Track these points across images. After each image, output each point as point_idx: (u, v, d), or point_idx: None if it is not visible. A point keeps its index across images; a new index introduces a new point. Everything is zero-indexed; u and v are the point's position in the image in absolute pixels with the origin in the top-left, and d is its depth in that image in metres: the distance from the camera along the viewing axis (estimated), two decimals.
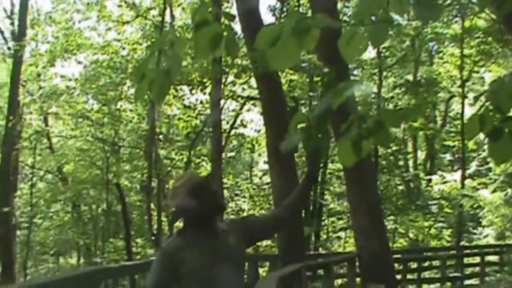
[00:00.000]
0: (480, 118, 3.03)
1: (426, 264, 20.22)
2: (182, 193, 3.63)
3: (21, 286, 5.44)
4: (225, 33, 2.72)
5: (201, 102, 24.29)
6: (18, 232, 27.37)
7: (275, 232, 3.83)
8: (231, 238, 3.65)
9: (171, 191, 3.85)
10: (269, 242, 23.76)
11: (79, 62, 26.53)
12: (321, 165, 4.42)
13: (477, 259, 20.04)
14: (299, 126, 3.11)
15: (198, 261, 3.55)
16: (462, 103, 29.15)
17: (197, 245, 3.60)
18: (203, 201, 3.61)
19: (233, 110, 26.14)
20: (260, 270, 14.87)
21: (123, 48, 25.12)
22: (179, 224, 3.93)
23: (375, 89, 24.22)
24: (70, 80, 25.71)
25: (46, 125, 28.38)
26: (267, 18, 28.51)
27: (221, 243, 3.63)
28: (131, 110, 26.66)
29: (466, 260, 20.53)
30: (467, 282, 19.04)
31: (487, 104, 3.07)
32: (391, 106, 24.63)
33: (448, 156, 36.02)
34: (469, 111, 28.24)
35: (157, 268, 3.67)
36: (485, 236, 31.51)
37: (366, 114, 3.04)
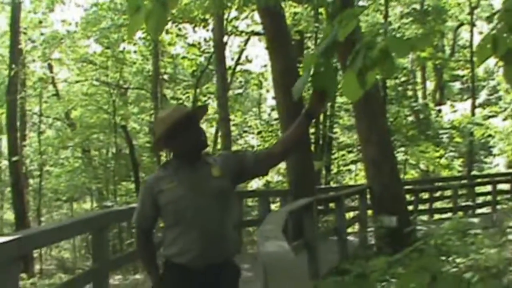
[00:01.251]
0: (492, 40, 2.86)
1: (438, 194, 20.22)
2: (165, 125, 3.54)
3: (27, 232, 5.39)
4: None
5: (205, 40, 24.02)
6: (31, 181, 27.49)
7: (268, 167, 3.68)
8: (215, 170, 3.57)
9: (155, 120, 3.78)
10: (280, 177, 23.80)
11: (79, 6, 26.16)
12: (324, 106, 4.25)
13: (489, 188, 20.01)
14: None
15: (175, 192, 3.51)
16: (471, 31, 28.68)
17: (177, 176, 3.55)
18: (184, 136, 3.53)
19: (238, 46, 25.84)
20: (272, 206, 14.87)
21: None
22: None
23: (381, 20, 23.81)
24: (70, 24, 25.37)
25: (51, 71, 28.15)
26: None
27: (202, 175, 3.55)
28: (135, 52, 26.37)
29: (477, 189, 20.51)
30: (479, 211, 19.03)
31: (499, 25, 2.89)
32: (398, 36, 24.22)
33: (457, 85, 35.71)
34: (478, 39, 27.80)
35: (139, 199, 3.71)
36: (496, 165, 31.50)
37: (373, 42, 2.87)
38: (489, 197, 19.79)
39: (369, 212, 13.58)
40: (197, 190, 3.50)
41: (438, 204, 20.27)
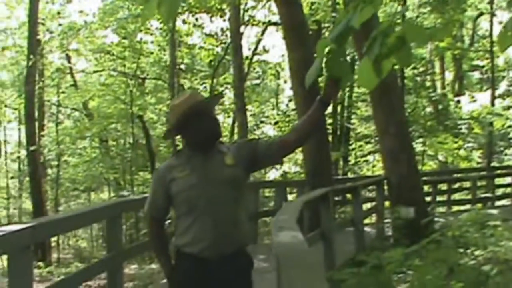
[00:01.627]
0: None
1: (456, 186, 20.05)
2: (177, 112, 3.48)
3: (40, 220, 5.41)
4: None
5: (222, 30, 23.97)
6: (49, 171, 27.69)
7: (282, 156, 3.58)
8: (229, 159, 3.50)
9: (170, 107, 3.72)
10: (297, 168, 23.74)
11: None
12: (338, 93, 4.17)
13: (508, 180, 19.84)
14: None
15: (187, 180, 3.45)
16: (491, 21, 28.34)
17: (190, 165, 3.50)
18: (196, 125, 3.46)
19: (255, 36, 25.81)
20: (289, 197, 14.82)
21: None
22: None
23: (399, 9, 23.58)
24: (87, 15, 25.47)
25: (69, 62, 28.29)
26: None
27: (215, 164, 3.49)
28: (152, 42, 26.40)
29: (497, 181, 20.33)
30: (498, 203, 18.86)
31: None
32: None
33: (476, 75, 35.35)
34: (498, 29, 27.46)
35: (151, 188, 3.67)
36: None
37: (390, 29, 2.79)
38: (509, 189, 19.61)
39: (386, 203, 13.49)
40: (210, 178, 3.44)
41: (456, 196, 20.10)
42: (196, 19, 23.68)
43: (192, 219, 3.44)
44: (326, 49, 2.92)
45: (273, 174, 25.00)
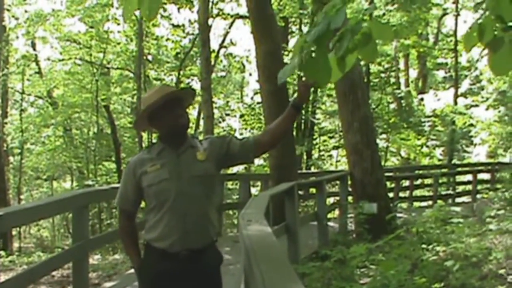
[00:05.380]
0: (479, 28, 2.88)
1: (418, 182, 20.33)
2: (149, 102, 3.48)
3: (6, 210, 5.37)
4: None
5: (190, 22, 23.95)
6: (11, 159, 27.32)
7: (254, 156, 3.59)
8: (200, 154, 3.51)
9: (142, 99, 3.72)
10: (261, 161, 23.86)
11: None
12: (310, 96, 4.15)
13: (469, 177, 20.17)
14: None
15: (158, 175, 3.45)
16: (456, 20, 28.77)
17: (161, 159, 3.50)
18: (167, 115, 3.47)
19: (223, 29, 25.84)
20: (253, 190, 14.88)
21: None
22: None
23: (366, 6, 23.79)
24: (55, 2, 25.22)
25: (34, 49, 27.95)
26: None
27: (186, 159, 3.49)
28: (119, 32, 26.27)
29: (457, 178, 20.65)
30: (458, 200, 19.17)
31: (487, 13, 2.92)
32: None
33: (440, 73, 35.82)
34: (463, 28, 27.89)
35: (122, 180, 3.67)
36: (477, 155, 31.73)
37: (358, 26, 2.84)
38: (469, 187, 19.93)
39: (349, 198, 13.63)
40: (181, 173, 3.45)
41: (418, 192, 20.37)
42: (164, 9, 23.58)
43: (161, 213, 3.44)
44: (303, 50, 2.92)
45: (236, 167, 25.03)
